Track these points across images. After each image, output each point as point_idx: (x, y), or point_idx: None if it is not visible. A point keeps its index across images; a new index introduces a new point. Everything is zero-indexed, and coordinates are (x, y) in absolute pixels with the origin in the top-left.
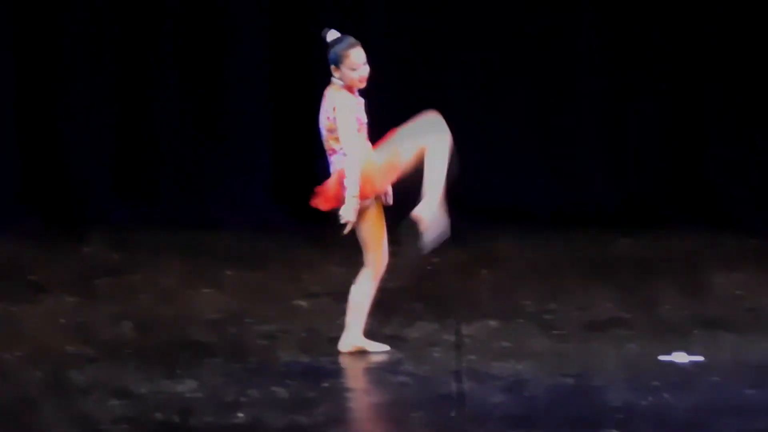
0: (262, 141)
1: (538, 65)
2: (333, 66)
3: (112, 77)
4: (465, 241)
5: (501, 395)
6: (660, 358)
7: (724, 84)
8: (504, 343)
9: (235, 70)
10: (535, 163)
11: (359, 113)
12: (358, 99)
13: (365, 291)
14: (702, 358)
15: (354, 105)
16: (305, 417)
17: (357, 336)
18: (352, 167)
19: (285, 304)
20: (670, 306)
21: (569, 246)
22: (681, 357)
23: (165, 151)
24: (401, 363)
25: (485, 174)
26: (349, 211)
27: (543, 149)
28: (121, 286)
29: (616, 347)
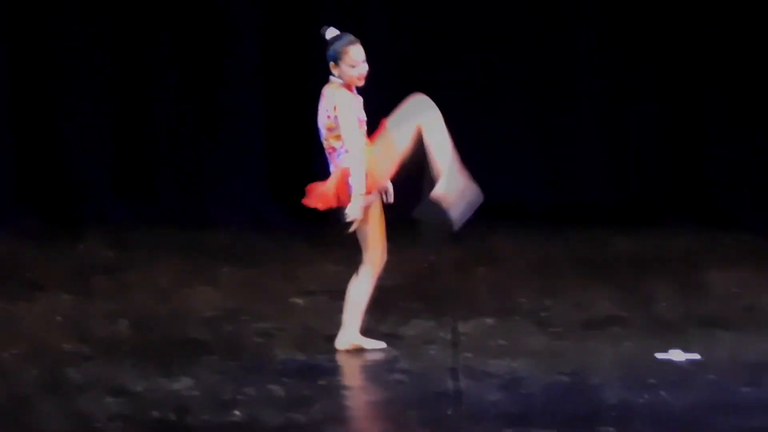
0: (258, 140)
1: (537, 65)
2: (332, 63)
3: (109, 76)
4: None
5: (497, 393)
6: (657, 356)
7: (722, 84)
8: (500, 341)
9: (233, 69)
10: (533, 162)
11: (359, 112)
12: (357, 97)
13: (363, 289)
14: (698, 356)
15: (354, 103)
16: (302, 415)
17: (354, 334)
18: (357, 165)
19: (281, 302)
20: (666, 304)
21: (566, 244)
22: (678, 355)
23: (162, 150)
24: (398, 361)
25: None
26: (356, 209)
27: (541, 148)
28: (118, 284)
29: (612, 345)
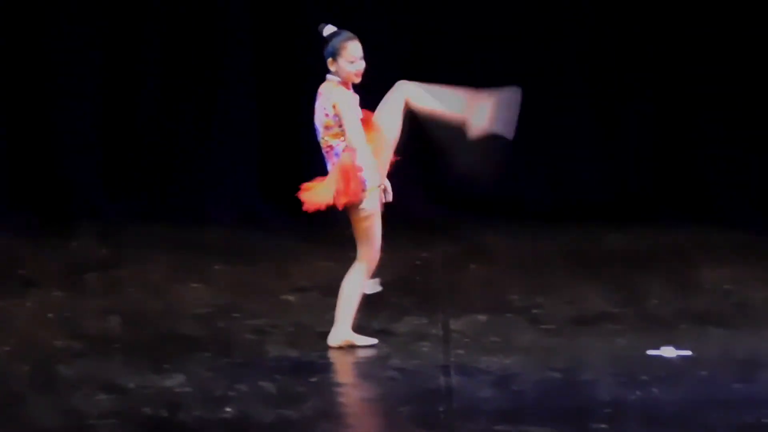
0: (251, 136)
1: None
2: (330, 59)
3: (101, 73)
4: (454, 236)
5: (489, 390)
6: (648, 352)
7: (714, 81)
8: (492, 338)
9: (226, 66)
10: (526, 159)
11: (356, 109)
12: (354, 95)
13: (356, 285)
14: (690, 352)
15: (352, 100)
16: (293, 411)
17: (346, 330)
18: (366, 159)
19: (273, 298)
20: (658, 300)
21: (558, 241)
22: (669, 351)
23: (154, 147)
24: (389, 357)
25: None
26: (374, 203)
27: (533, 144)
28: (110, 280)
29: (604, 342)
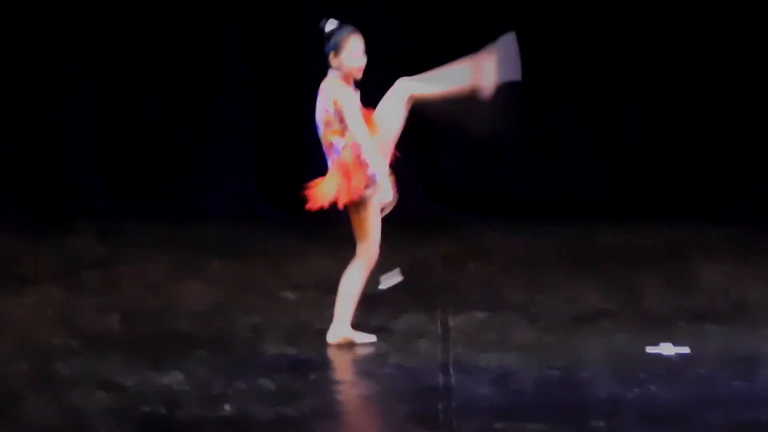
0: (249, 134)
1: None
2: (332, 54)
3: (98, 69)
4: (453, 234)
5: (488, 387)
6: (647, 349)
7: (710, 78)
8: (491, 335)
9: (223, 64)
10: (523, 156)
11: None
12: (355, 91)
13: (355, 281)
14: (688, 350)
15: (353, 96)
16: (292, 409)
17: (345, 327)
18: (371, 153)
19: (272, 296)
20: (656, 298)
21: (557, 238)
22: (667, 349)
23: (152, 145)
24: (388, 355)
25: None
26: (388, 193)
27: (531, 141)
28: (108, 278)
29: (603, 339)
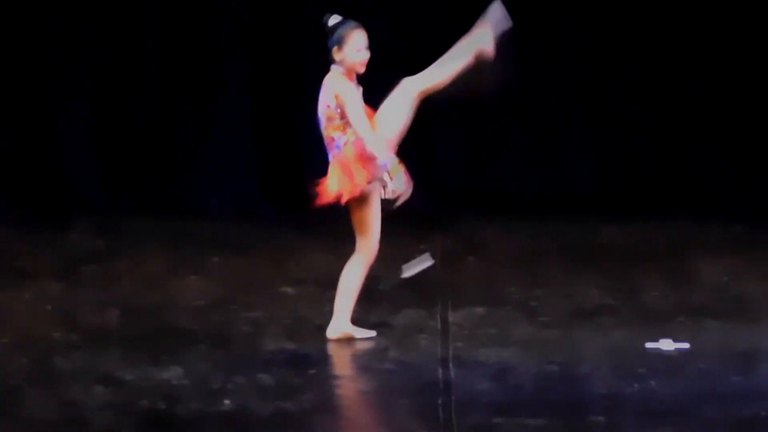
0: (248, 133)
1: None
2: (335, 48)
3: (97, 65)
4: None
5: (487, 382)
6: (647, 345)
7: (709, 74)
8: (490, 330)
9: (223, 62)
10: (522, 151)
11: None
12: (357, 87)
13: (355, 276)
14: (688, 345)
15: (355, 91)
16: (291, 404)
17: (345, 323)
18: (377, 145)
19: (271, 291)
20: (655, 293)
21: (555, 233)
22: (667, 344)
23: (151, 143)
24: (388, 350)
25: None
26: (401, 183)
27: (529, 137)
28: (107, 273)
29: (602, 334)
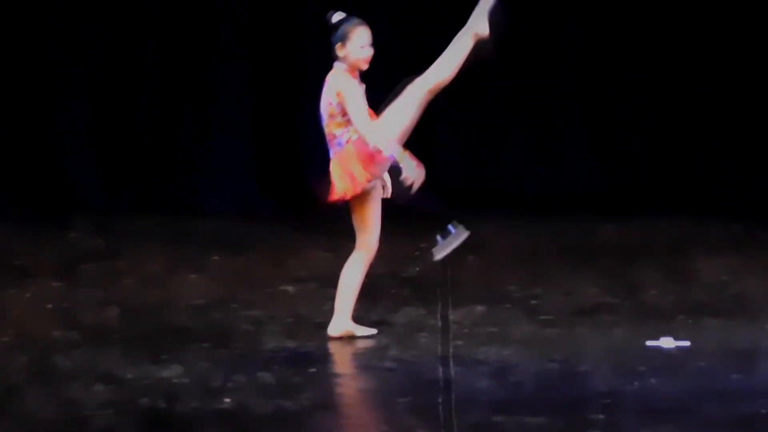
0: (248, 133)
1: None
2: (339, 44)
3: (97, 65)
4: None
5: (487, 380)
6: (647, 343)
7: (708, 72)
8: (490, 329)
9: (221, 58)
10: (521, 149)
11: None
12: (360, 84)
13: (356, 274)
14: (688, 343)
15: (357, 88)
16: (291, 402)
17: (346, 320)
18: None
19: (271, 289)
20: (655, 291)
21: (555, 231)
22: (668, 342)
23: (150, 138)
24: (388, 348)
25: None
26: (411, 170)
27: (528, 135)
28: (107, 271)
29: (602, 333)
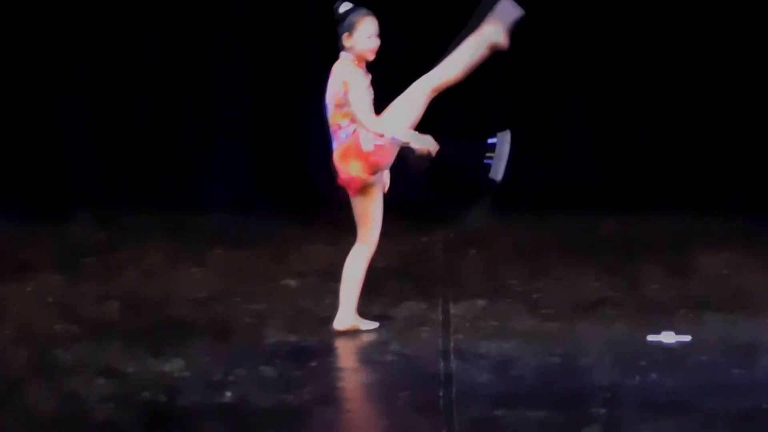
0: (248, 133)
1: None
2: (346, 34)
3: (97, 65)
4: (452, 221)
5: (488, 374)
6: (649, 338)
7: (709, 67)
8: (491, 323)
9: (222, 52)
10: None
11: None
12: (366, 74)
13: (359, 267)
14: (689, 337)
15: (363, 78)
16: (293, 396)
17: (351, 314)
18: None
19: (272, 283)
20: (656, 286)
21: (556, 226)
22: (669, 337)
23: (152, 132)
24: (389, 342)
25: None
26: (422, 141)
27: (530, 130)
28: (108, 265)
29: (603, 327)
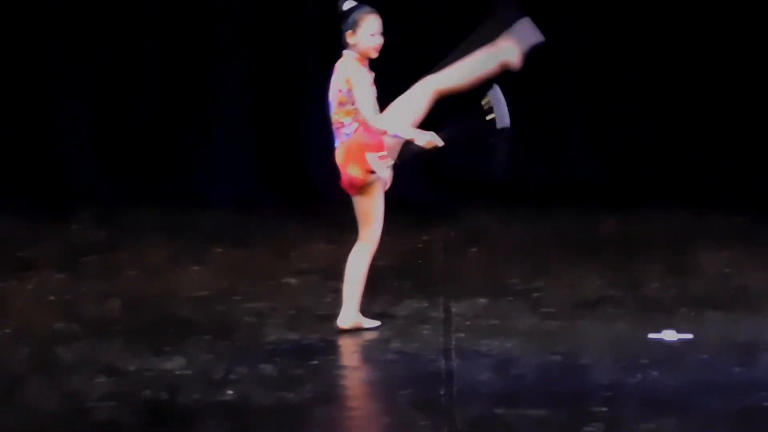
0: (248, 134)
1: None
2: (349, 31)
3: (97, 65)
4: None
5: (489, 373)
6: (650, 336)
7: (708, 67)
8: (492, 321)
9: (222, 50)
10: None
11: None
12: (369, 72)
13: (361, 265)
14: (690, 335)
15: (366, 75)
16: (293, 394)
17: (355, 312)
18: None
19: (273, 281)
20: (657, 284)
21: (558, 225)
22: (670, 335)
23: (153, 130)
24: (390, 341)
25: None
26: (425, 136)
27: (530, 128)
28: (109, 263)
29: (604, 325)
